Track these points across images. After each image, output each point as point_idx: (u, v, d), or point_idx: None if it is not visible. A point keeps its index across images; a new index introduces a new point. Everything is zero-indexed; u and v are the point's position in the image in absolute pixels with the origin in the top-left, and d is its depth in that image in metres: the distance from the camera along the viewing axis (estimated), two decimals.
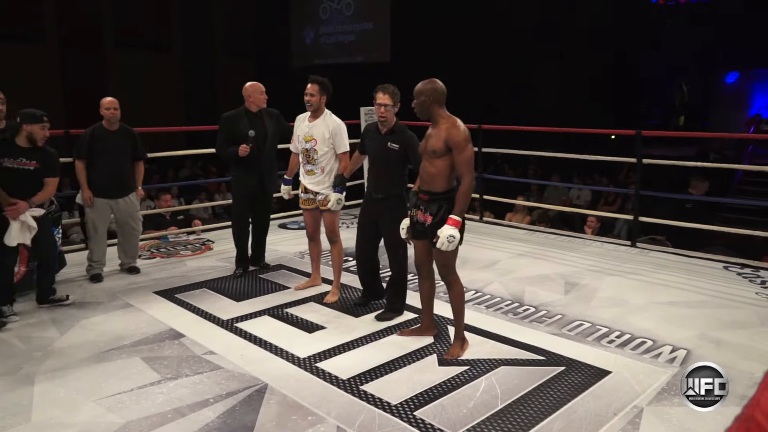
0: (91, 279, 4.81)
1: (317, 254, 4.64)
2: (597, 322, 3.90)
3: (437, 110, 3.26)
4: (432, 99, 3.23)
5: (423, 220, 3.35)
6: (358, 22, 15.81)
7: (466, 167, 3.18)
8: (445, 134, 3.18)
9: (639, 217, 5.78)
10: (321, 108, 4.25)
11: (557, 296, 4.42)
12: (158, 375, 3.19)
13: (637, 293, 4.48)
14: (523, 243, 5.96)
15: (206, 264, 5.31)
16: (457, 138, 3.17)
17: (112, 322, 3.94)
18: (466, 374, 3.19)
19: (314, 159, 4.22)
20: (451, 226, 3.14)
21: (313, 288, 4.58)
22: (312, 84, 4.22)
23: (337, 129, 4.21)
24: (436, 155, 3.21)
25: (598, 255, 5.54)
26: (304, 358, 3.40)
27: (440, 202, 3.27)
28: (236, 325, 3.89)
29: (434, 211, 3.27)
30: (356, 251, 4.17)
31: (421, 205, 3.35)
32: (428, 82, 3.28)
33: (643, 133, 5.79)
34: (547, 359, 3.37)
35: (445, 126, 3.21)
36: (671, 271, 5.02)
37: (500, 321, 3.93)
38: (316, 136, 4.20)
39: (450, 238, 3.12)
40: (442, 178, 3.25)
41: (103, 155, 4.71)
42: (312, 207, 4.37)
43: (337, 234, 4.39)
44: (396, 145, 3.85)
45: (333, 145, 4.21)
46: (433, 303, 3.69)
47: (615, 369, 3.23)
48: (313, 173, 4.26)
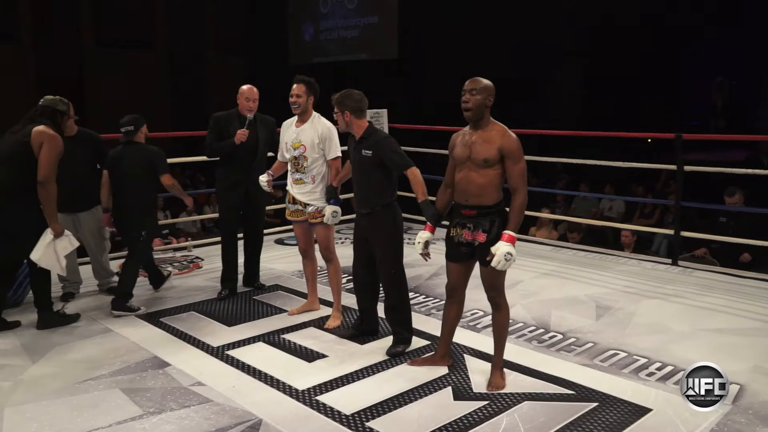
0: (62, 297, 4.81)
1: (312, 273, 4.60)
2: (634, 352, 3.86)
3: (489, 114, 3.26)
4: (490, 101, 3.23)
5: (471, 239, 3.29)
6: (362, 15, 15.90)
7: (521, 179, 3.20)
8: (500, 141, 3.19)
9: (681, 232, 5.74)
10: (309, 110, 4.26)
11: (588, 321, 4.39)
12: (140, 409, 3.18)
13: (680, 319, 4.43)
14: (549, 261, 5.94)
15: (195, 284, 5.31)
16: (513, 146, 3.19)
17: (90, 349, 3.94)
18: (485, 410, 3.15)
19: (304, 167, 4.22)
20: (507, 243, 3.13)
21: (310, 312, 4.56)
22: (298, 84, 4.24)
23: (328, 133, 4.21)
24: (487, 164, 3.20)
25: (634, 274, 5.50)
26: (303, 390, 3.38)
27: (492, 216, 3.25)
28: (227, 353, 3.88)
29: (487, 227, 3.24)
30: (352, 272, 4.16)
31: (468, 223, 3.30)
32: (487, 80, 3.25)
33: (684, 136, 5.75)
34: (577, 394, 3.33)
35: (498, 132, 3.22)
36: (719, 294, 4.98)
37: (523, 349, 3.90)
38: (305, 141, 4.20)
39: (507, 256, 3.11)
40: (493, 189, 3.24)
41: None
42: (301, 219, 4.36)
43: (333, 251, 4.37)
44: (369, 152, 3.81)
45: (323, 150, 4.21)
46: (454, 331, 3.66)
47: (656, 406, 3.19)
48: (302, 182, 4.25)
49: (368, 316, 4.11)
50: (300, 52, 17.04)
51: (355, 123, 3.86)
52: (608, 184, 10.22)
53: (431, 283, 5.23)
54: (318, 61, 16.04)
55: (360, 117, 3.86)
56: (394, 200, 3.90)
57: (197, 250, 6.45)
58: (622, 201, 9.44)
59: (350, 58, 15.68)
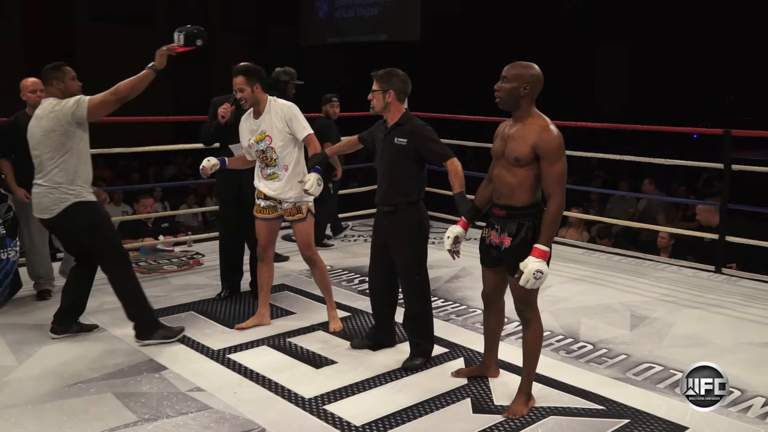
0: (38, 296, 4.85)
1: (268, 280, 4.46)
2: (670, 366, 3.86)
3: (528, 105, 3.13)
4: (529, 89, 3.09)
5: (498, 242, 3.21)
6: None
7: (557, 183, 3.05)
8: (535, 138, 3.05)
9: (726, 236, 5.72)
10: (261, 98, 4.18)
11: (621, 332, 4.39)
12: (134, 415, 3.22)
13: (722, 331, 4.42)
14: (580, 265, 5.93)
15: (194, 282, 5.36)
16: (550, 145, 3.04)
17: (80, 350, 3.99)
18: (507, 425, 3.17)
19: (274, 160, 4.17)
20: (537, 258, 3.01)
21: (318, 315, 4.58)
22: (236, 77, 4.12)
23: (290, 112, 4.15)
24: (519, 163, 3.09)
25: (672, 282, 5.49)
26: (310, 398, 3.41)
27: (521, 219, 3.15)
28: (229, 357, 3.92)
29: (513, 231, 3.15)
30: (369, 280, 4.12)
31: (496, 224, 3.24)
32: (527, 66, 3.12)
33: (732, 132, 5.72)
34: (608, 409, 3.34)
35: (535, 127, 3.08)
36: (766, 305, 4.96)
37: (550, 360, 3.90)
38: (269, 131, 4.15)
39: (537, 274, 2.99)
40: (525, 189, 3.13)
41: None
42: (273, 216, 4.29)
43: (315, 251, 4.33)
44: (403, 140, 3.71)
45: (291, 132, 4.16)
46: (498, 341, 3.64)
47: (692, 424, 3.19)
48: (275, 176, 4.19)
49: (385, 327, 4.06)
50: (313, 31, 17.02)
51: (394, 106, 3.73)
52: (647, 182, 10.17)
53: (451, 286, 5.25)
54: (332, 41, 16.02)
55: (402, 100, 3.77)
56: (420, 198, 3.82)
57: (197, 245, 6.50)
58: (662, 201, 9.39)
59: (368, 39, 15.64)
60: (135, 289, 4.10)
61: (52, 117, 3.90)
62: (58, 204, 3.95)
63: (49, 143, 3.91)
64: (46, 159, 3.94)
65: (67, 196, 3.95)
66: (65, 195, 3.94)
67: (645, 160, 6.41)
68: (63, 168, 3.92)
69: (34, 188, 4.03)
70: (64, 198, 3.94)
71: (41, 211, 4.02)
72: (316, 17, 17.10)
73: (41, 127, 3.93)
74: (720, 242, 5.76)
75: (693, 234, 6.61)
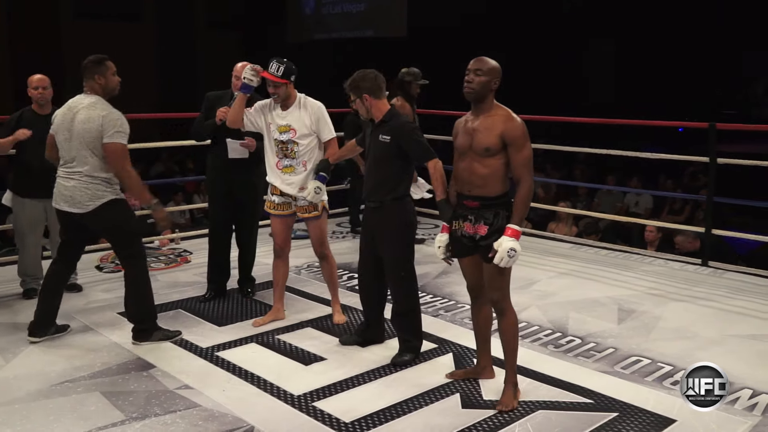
0: (24, 295, 4.78)
1: (284, 276, 4.49)
2: (658, 359, 3.88)
3: (492, 98, 3.26)
4: (496, 84, 3.23)
5: (473, 232, 3.28)
6: None
7: (525, 168, 3.19)
8: (502, 127, 3.18)
9: (712, 230, 5.74)
10: (291, 93, 4.18)
11: (609, 325, 4.40)
12: (122, 414, 3.20)
13: (709, 323, 4.45)
14: (568, 259, 5.94)
15: (182, 279, 5.34)
16: (516, 133, 3.18)
17: (67, 349, 3.97)
18: (496, 419, 3.18)
19: (294, 152, 4.18)
20: (510, 237, 3.12)
21: (307, 312, 4.58)
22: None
23: (320, 113, 4.19)
24: (489, 153, 3.20)
25: (660, 275, 5.51)
26: (299, 395, 3.41)
27: (495, 208, 3.24)
28: (217, 354, 3.91)
29: (490, 219, 3.23)
30: (358, 276, 4.11)
31: (469, 215, 3.30)
32: (494, 61, 3.25)
33: (717, 125, 5.75)
34: (596, 403, 3.35)
35: (501, 117, 3.21)
36: (752, 297, 4.98)
37: (538, 354, 3.92)
38: (295, 125, 4.15)
39: (510, 252, 3.09)
40: (497, 179, 3.23)
41: (33, 145, 4.36)
42: (288, 213, 4.31)
43: (328, 246, 4.38)
44: (387, 137, 3.71)
45: (317, 132, 4.18)
46: (489, 341, 3.60)
47: (680, 417, 3.20)
48: (291, 169, 4.20)
49: (374, 323, 4.06)
50: (299, 27, 16.97)
51: (375, 105, 3.75)
52: (635, 177, 10.23)
53: (439, 281, 5.25)
54: (319, 37, 15.99)
55: (379, 97, 3.76)
56: (407, 195, 3.84)
57: (185, 243, 6.47)
58: (649, 195, 9.44)
59: (355, 35, 15.61)
60: (143, 288, 4.02)
61: (91, 117, 3.77)
62: (94, 200, 3.82)
63: (89, 135, 3.77)
64: (84, 150, 3.78)
65: (105, 193, 3.84)
66: (104, 192, 3.83)
67: (631, 154, 6.44)
68: (104, 160, 3.81)
69: (63, 180, 3.87)
70: (102, 195, 3.83)
71: (72, 205, 3.84)
72: (302, 13, 17.06)
73: (80, 120, 3.78)
74: (707, 235, 5.79)
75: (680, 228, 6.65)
